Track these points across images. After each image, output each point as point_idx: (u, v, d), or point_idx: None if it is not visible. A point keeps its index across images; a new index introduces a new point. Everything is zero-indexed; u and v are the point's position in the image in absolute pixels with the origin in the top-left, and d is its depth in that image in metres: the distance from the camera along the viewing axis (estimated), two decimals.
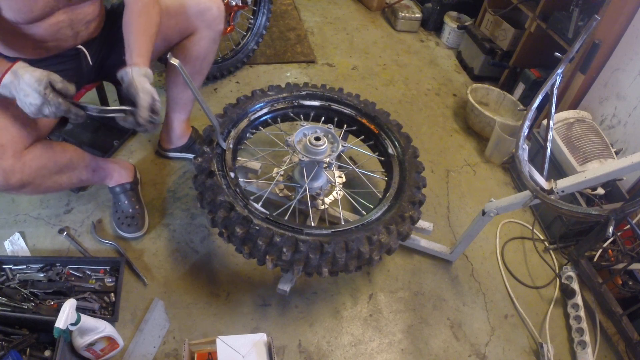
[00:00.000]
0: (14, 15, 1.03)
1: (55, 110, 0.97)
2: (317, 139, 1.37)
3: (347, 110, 1.63)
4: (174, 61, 1.01)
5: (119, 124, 1.13)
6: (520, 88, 2.31)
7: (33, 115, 0.98)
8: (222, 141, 1.34)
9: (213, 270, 1.45)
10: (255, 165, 1.57)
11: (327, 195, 1.56)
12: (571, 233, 1.74)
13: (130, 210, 1.47)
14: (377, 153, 1.60)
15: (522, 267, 1.69)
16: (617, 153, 1.76)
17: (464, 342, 1.42)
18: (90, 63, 1.31)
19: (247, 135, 1.52)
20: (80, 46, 1.25)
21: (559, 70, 1.21)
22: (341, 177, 1.65)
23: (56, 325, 0.95)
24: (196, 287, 1.40)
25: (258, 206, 1.24)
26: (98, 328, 1.09)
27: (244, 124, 1.48)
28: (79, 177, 1.32)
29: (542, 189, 1.12)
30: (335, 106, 1.63)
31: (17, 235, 1.42)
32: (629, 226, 1.54)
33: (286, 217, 1.37)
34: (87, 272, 1.33)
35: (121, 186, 1.48)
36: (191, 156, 1.74)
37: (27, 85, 0.94)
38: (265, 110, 1.55)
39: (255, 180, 1.58)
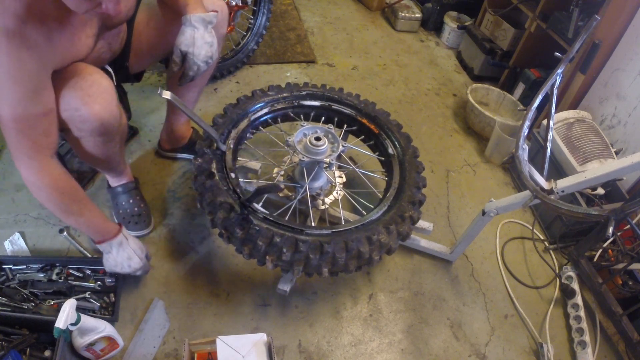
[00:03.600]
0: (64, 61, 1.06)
1: (143, 272, 1.30)
2: (318, 139, 1.37)
3: (347, 110, 1.63)
4: (166, 95, 1.03)
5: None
6: (520, 88, 2.31)
7: (126, 272, 1.26)
8: (221, 145, 1.34)
9: (213, 270, 1.45)
10: (256, 165, 1.57)
11: (327, 195, 1.56)
12: (571, 233, 1.74)
13: (136, 209, 1.47)
14: (377, 153, 1.60)
15: (522, 267, 1.69)
16: (617, 153, 1.76)
17: (464, 342, 1.42)
18: (115, 78, 1.33)
19: (248, 135, 1.52)
20: (107, 67, 1.29)
21: (559, 70, 1.21)
22: (341, 177, 1.65)
23: (56, 325, 0.95)
24: (196, 287, 1.40)
25: (258, 207, 1.24)
26: (98, 328, 1.09)
27: (244, 124, 1.48)
28: (118, 159, 1.37)
29: (542, 189, 1.12)
30: (335, 106, 1.63)
31: (17, 235, 1.42)
32: (629, 226, 1.54)
33: (287, 217, 1.37)
34: (87, 272, 1.33)
35: (124, 186, 1.48)
36: (191, 157, 1.74)
37: (133, 250, 1.24)
38: (265, 110, 1.55)
39: (255, 181, 1.58)
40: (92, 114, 1.07)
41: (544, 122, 1.90)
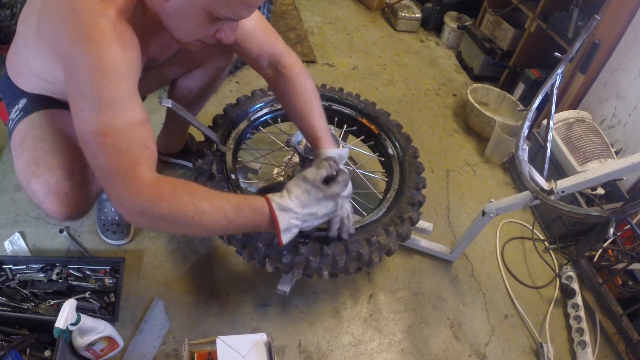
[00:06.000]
0: None
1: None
2: None
3: (347, 111, 1.63)
4: (167, 103, 0.99)
5: None
6: (520, 88, 2.31)
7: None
8: (221, 146, 1.33)
9: (213, 270, 1.45)
10: (255, 165, 1.57)
11: None
12: (571, 233, 1.74)
13: (117, 217, 1.45)
14: (377, 153, 1.60)
15: (522, 267, 1.69)
16: (617, 153, 1.76)
17: (464, 342, 1.42)
18: None
19: (248, 135, 1.51)
20: None
21: (559, 70, 1.21)
22: None
23: (56, 325, 0.95)
24: (196, 287, 1.40)
25: None
26: (98, 328, 1.09)
27: (244, 124, 1.48)
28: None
29: (542, 189, 1.12)
30: (335, 106, 1.63)
31: (17, 235, 1.42)
32: (629, 226, 1.54)
33: None
34: (87, 272, 1.33)
35: None
36: (184, 162, 1.74)
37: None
38: (265, 110, 1.55)
39: (255, 181, 1.58)
40: (54, 213, 1.02)
41: (544, 122, 1.90)
